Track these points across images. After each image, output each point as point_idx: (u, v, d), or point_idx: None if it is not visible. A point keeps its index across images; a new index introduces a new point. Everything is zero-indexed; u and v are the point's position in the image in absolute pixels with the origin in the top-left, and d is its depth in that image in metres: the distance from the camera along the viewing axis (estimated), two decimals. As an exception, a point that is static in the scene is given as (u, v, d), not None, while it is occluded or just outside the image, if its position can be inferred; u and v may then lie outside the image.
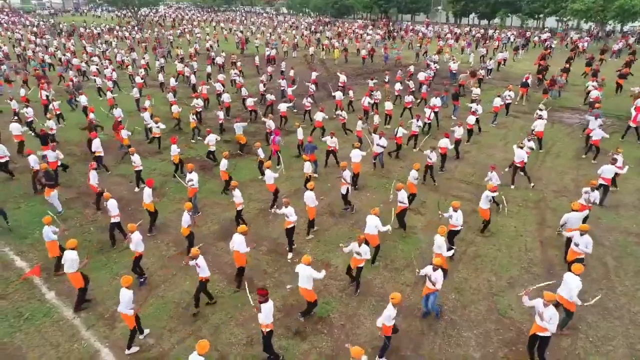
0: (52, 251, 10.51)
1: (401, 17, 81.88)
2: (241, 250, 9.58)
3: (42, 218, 10.41)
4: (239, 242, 9.60)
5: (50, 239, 10.36)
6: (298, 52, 42.02)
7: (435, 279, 8.37)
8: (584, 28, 63.72)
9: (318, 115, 19.12)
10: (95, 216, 13.35)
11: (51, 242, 10.44)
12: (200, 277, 9.10)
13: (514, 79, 30.10)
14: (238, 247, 9.60)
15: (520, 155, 14.28)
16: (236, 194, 11.75)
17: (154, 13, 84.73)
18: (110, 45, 42.82)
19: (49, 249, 10.49)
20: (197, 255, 8.90)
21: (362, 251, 9.34)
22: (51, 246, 10.46)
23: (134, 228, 9.79)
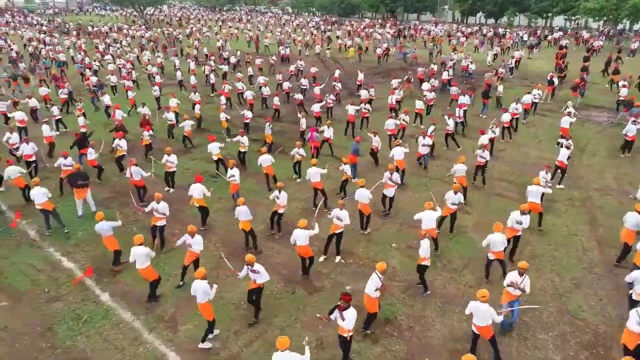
0: (111, 245, 10.32)
1: (407, 16, 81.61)
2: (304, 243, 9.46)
3: (95, 215, 10.16)
4: (303, 237, 9.43)
5: (107, 234, 10.14)
6: (309, 51, 41.70)
7: (524, 284, 8.04)
8: (591, 27, 63.65)
9: (350, 108, 18.94)
10: (136, 216, 13.09)
11: (109, 237, 10.22)
12: (257, 283, 8.74)
13: (532, 78, 29.99)
14: (302, 241, 9.44)
15: (564, 155, 14.06)
16: (282, 195, 11.47)
17: (159, 12, 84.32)
18: (121, 44, 42.45)
19: (107, 243, 10.26)
20: (253, 261, 8.56)
21: (422, 247, 9.12)
22: (109, 241, 10.25)
23: (194, 230, 9.55)
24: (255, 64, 32.21)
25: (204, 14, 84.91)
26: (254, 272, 8.54)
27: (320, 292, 9.78)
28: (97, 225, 10.12)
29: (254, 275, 8.59)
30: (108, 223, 10.11)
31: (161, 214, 11.02)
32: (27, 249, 11.44)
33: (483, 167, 14.36)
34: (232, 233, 12.09)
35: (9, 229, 12.12)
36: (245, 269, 8.63)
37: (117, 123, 18.76)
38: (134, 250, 8.99)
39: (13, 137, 16.47)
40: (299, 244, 9.64)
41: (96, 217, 10.09)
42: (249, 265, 8.49)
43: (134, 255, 9.00)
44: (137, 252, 8.93)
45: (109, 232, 10.19)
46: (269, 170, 14.29)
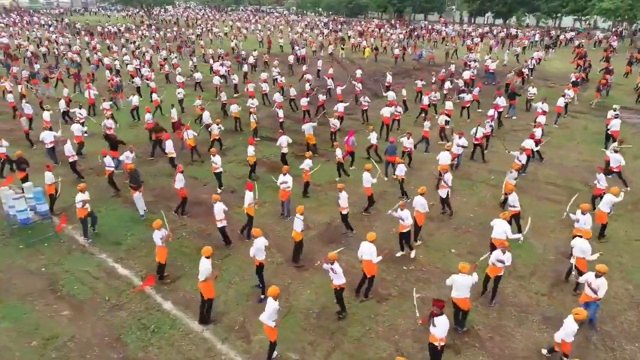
0: (160, 256, 10.02)
1: (414, 16, 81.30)
2: (373, 260, 9.09)
3: (153, 222, 9.90)
4: (369, 251, 9.12)
5: (157, 243, 9.89)
6: (324, 51, 41.48)
7: (598, 286, 7.91)
8: (599, 27, 63.50)
9: (385, 110, 18.69)
10: (184, 220, 12.84)
11: (161, 248, 9.95)
12: (335, 284, 8.61)
13: (553, 78, 29.84)
14: (369, 256, 9.12)
15: (616, 160, 13.82)
16: (342, 196, 11.26)
17: (165, 12, 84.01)
18: (135, 44, 42.13)
19: (158, 254, 9.99)
20: (335, 259, 8.43)
21: (506, 258, 8.88)
22: (161, 252, 9.96)
23: (259, 233, 9.31)
24: (274, 64, 31.97)
25: (210, 14, 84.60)
26: (332, 270, 8.38)
27: (388, 300, 9.54)
28: (154, 234, 9.85)
29: (331, 274, 8.44)
30: (158, 232, 9.77)
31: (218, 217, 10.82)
32: (78, 254, 11.19)
33: (519, 171, 14.17)
34: (283, 239, 11.86)
35: (56, 233, 11.87)
36: (327, 265, 8.48)
37: (147, 127, 18.56)
38: (201, 262, 8.70)
39: (47, 136, 16.21)
40: (365, 259, 9.22)
41: (154, 225, 9.82)
42: (330, 263, 8.32)
43: (202, 265, 8.70)
44: (203, 265, 8.63)
45: (158, 243, 9.84)
46: (305, 176, 14.01)
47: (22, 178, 13.98)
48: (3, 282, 10.13)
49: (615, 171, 13.89)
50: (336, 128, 17.91)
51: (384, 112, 18.74)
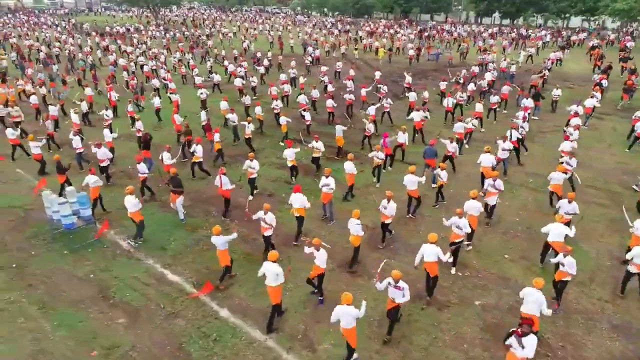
0: (224, 260, 9.87)
1: (420, 16, 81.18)
2: (443, 260, 8.99)
3: (212, 228, 9.72)
4: (434, 252, 8.98)
5: (222, 248, 9.71)
6: (336, 52, 41.30)
7: None
8: (610, 27, 63.33)
9: (416, 115, 18.48)
10: (225, 224, 12.64)
11: (223, 252, 9.77)
12: (395, 302, 8.25)
13: (572, 79, 29.65)
14: (433, 257, 9.00)
15: None
16: (391, 205, 11.02)
17: (169, 12, 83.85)
18: (146, 45, 41.92)
19: (221, 257, 9.82)
20: (399, 277, 8.07)
21: (567, 263, 8.71)
22: (223, 255, 9.80)
23: (319, 242, 9.13)
24: (291, 65, 31.81)
25: (215, 14, 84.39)
26: (397, 288, 8.09)
27: (449, 307, 9.36)
28: (213, 238, 9.68)
29: (395, 293, 8.13)
30: (224, 237, 9.64)
31: (268, 225, 10.59)
32: (125, 260, 11.00)
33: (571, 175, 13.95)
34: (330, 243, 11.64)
35: (98, 239, 11.69)
36: (385, 283, 8.20)
37: (177, 128, 18.39)
38: (267, 266, 8.55)
39: (75, 140, 16.04)
40: (428, 261, 9.16)
41: (213, 231, 9.63)
42: (395, 281, 8.06)
43: (266, 270, 8.56)
44: (271, 269, 8.48)
45: (225, 247, 9.73)
46: (350, 179, 13.82)
47: (63, 182, 13.84)
48: (52, 289, 9.95)
49: None
50: (370, 132, 17.66)
51: (415, 116, 18.49)
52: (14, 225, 12.59)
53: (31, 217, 13.03)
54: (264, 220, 10.61)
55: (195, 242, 11.79)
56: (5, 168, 16.51)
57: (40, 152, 15.54)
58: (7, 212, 13.32)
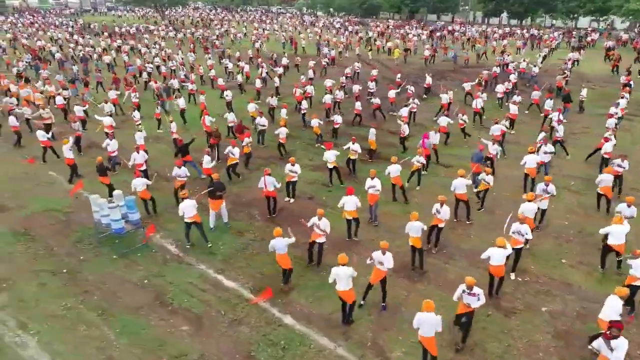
0: (285, 263, 9.76)
1: (427, 16, 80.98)
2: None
3: (274, 231, 9.56)
4: (502, 255, 8.87)
5: (282, 252, 9.55)
6: (349, 52, 41.14)
7: None
8: (619, 27, 63.15)
9: (442, 120, 18.30)
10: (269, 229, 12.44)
11: (284, 255, 9.62)
12: (470, 307, 8.11)
13: (593, 80, 29.47)
14: (501, 260, 8.88)
15: None
16: (444, 209, 10.86)
17: (175, 12, 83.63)
18: (159, 45, 41.71)
19: (281, 261, 9.70)
20: (473, 284, 7.91)
21: (636, 265, 8.57)
22: (283, 259, 9.66)
23: (387, 246, 8.98)
24: (309, 66, 31.66)
25: (222, 15, 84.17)
26: (472, 295, 7.94)
27: (516, 314, 9.20)
28: (273, 242, 9.52)
29: (470, 299, 8.00)
30: (284, 240, 9.51)
31: (322, 231, 10.42)
32: (176, 265, 10.84)
33: (621, 177, 13.78)
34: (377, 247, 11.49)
35: (146, 244, 11.52)
36: (459, 291, 8.06)
37: (207, 130, 18.22)
38: (335, 271, 8.41)
39: (112, 144, 15.87)
40: (496, 264, 9.03)
41: (274, 233, 9.48)
42: (469, 288, 7.91)
43: (336, 275, 8.41)
44: (341, 272, 8.34)
45: (284, 250, 9.58)
46: (397, 181, 13.66)
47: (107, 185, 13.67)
48: (108, 295, 9.78)
49: None
50: (405, 133, 17.50)
51: (441, 121, 18.29)
52: (57, 229, 12.43)
53: (73, 220, 12.87)
54: (317, 226, 10.43)
55: (244, 247, 11.63)
56: (37, 170, 16.35)
57: (73, 156, 15.34)
58: (46, 215, 13.15)
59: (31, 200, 14.05)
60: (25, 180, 15.48)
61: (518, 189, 14.21)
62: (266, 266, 10.78)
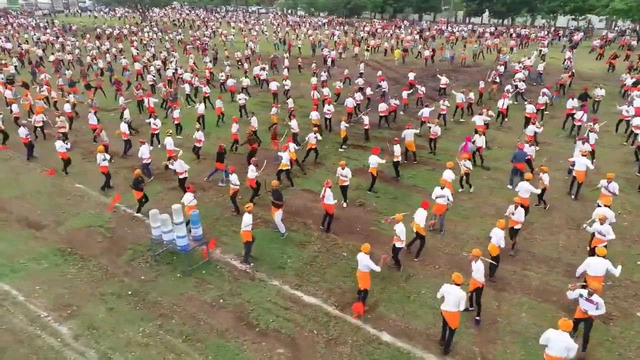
0: (363, 282, 9.23)
1: (410, 16, 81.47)
2: (616, 274, 8.68)
3: (362, 246, 9.10)
4: (602, 266, 8.70)
5: (367, 269, 9.09)
6: (346, 53, 40.88)
7: None
8: (597, 26, 65.10)
9: (477, 119, 18.20)
10: (335, 239, 12.04)
11: (365, 273, 9.15)
12: (588, 314, 7.89)
13: (593, 79, 30.02)
14: (601, 271, 8.71)
15: None
16: (519, 211, 10.72)
17: (155, 13, 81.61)
18: (153, 47, 40.37)
19: (362, 279, 9.20)
20: (594, 291, 7.75)
21: None
22: (365, 277, 9.17)
23: (479, 253, 8.70)
24: (311, 68, 31.25)
25: (202, 15, 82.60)
26: (590, 302, 7.78)
27: (613, 320, 9.09)
28: (358, 256, 9.06)
29: (588, 305, 7.83)
30: (367, 259, 8.94)
31: (398, 237, 10.10)
32: (248, 282, 10.28)
33: None
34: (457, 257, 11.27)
35: (208, 261, 10.92)
36: (576, 293, 7.94)
37: (235, 137, 17.64)
38: (447, 289, 7.96)
39: (142, 150, 15.09)
40: (596, 274, 8.82)
41: (362, 249, 9.04)
42: (588, 294, 7.75)
43: (446, 292, 7.99)
44: (452, 291, 7.92)
45: (367, 269, 9.08)
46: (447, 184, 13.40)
47: (140, 199, 12.99)
48: (186, 318, 9.17)
49: None
50: (437, 135, 17.32)
51: (477, 120, 18.21)
52: (105, 246, 11.68)
53: (119, 236, 12.14)
54: (394, 232, 10.16)
55: (312, 259, 11.16)
56: (63, 183, 15.42)
57: (107, 164, 14.55)
58: (88, 232, 12.37)
59: (67, 215, 13.21)
60: (54, 194, 14.56)
61: (564, 190, 14.30)
62: (341, 279, 10.38)
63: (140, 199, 12.97)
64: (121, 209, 13.56)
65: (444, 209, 11.98)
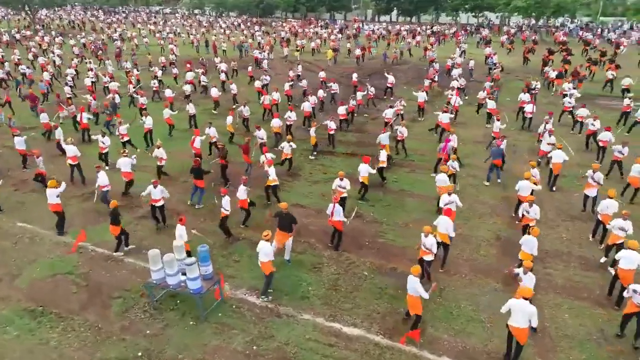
0: (413, 307, 8.53)
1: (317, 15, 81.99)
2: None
3: (412, 269, 8.40)
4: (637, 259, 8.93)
5: (416, 293, 8.41)
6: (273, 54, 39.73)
7: None
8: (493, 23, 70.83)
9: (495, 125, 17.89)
10: (348, 257, 11.20)
11: (414, 298, 8.47)
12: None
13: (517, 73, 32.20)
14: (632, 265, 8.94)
15: None
16: (534, 209, 10.77)
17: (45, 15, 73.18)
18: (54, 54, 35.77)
19: (410, 303, 8.52)
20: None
21: None
22: (413, 302, 8.47)
23: (530, 265, 8.49)
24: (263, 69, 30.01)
25: (101, 17, 75.81)
26: None
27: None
28: (410, 279, 8.37)
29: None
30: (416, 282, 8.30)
31: (428, 249, 9.62)
32: (275, 320, 9.08)
33: None
34: (470, 261, 11.05)
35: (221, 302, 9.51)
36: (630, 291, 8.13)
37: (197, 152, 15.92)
38: (514, 302, 7.63)
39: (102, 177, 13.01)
40: (629, 268, 9.01)
41: (412, 271, 8.33)
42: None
43: (511, 306, 7.63)
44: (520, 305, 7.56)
45: (417, 293, 8.40)
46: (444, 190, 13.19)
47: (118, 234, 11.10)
48: (225, 375, 7.82)
49: None
50: (403, 136, 17.04)
51: (443, 118, 18.39)
52: (84, 298, 9.73)
53: (98, 283, 10.20)
54: (423, 244, 9.66)
55: (333, 283, 10.25)
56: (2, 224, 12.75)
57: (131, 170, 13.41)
58: (57, 283, 10.26)
59: (21, 264, 10.89)
60: (-5, 238, 11.96)
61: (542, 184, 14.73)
62: (374, 302, 9.63)
63: (119, 235, 11.05)
64: (88, 248, 11.48)
65: (454, 216, 11.67)
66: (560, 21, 59.12)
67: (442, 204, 11.57)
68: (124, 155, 13.76)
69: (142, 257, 11.04)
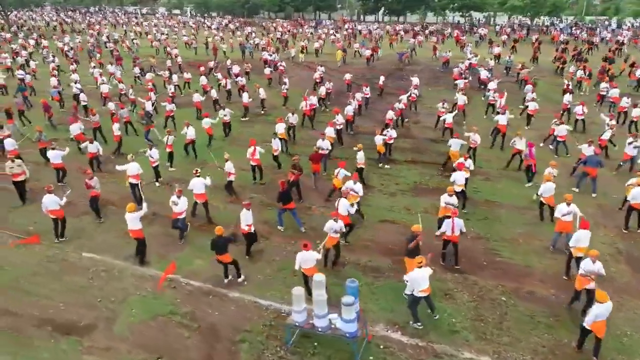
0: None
1: (302, 14, 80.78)
2: None
3: (600, 295, 7.49)
4: None
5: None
6: (280, 55, 38.41)
7: None
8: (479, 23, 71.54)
9: (501, 118, 17.53)
10: (467, 277, 10.23)
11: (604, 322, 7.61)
12: None
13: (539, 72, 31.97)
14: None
15: None
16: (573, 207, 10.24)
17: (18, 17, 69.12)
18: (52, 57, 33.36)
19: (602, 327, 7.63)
20: None
21: None
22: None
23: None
24: (266, 73, 28.64)
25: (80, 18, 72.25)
26: None
27: None
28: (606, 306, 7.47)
29: None
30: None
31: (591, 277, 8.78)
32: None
33: None
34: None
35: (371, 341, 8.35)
36: None
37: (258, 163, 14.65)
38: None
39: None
40: None
41: (603, 299, 7.42)
42: None
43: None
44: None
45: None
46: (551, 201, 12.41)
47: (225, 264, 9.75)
48: None
49: None
50: (477, 143, 16.16)
51: (500, 119, 17.70)
52: (205, 345, 8.37)
53: (210, 324, 8.85)
54: (589, 272, 8.84)
55: (476, 313, 9.17)
56: (62, 254, 11.14)
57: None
58: (162, 326, 8.84)
59: (110, 305, 9.38)
60: (61, 273, 10.41)
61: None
62: (530, 333, 8.66)
63: (230, 264, 9.72)
64: (180, 282, 10.06)
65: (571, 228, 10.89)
66: (550, 20, 60.23)
67: (559, 215, 10.74)
68: (196, 175, 12.31)
69: (247, 289, 9.81)
